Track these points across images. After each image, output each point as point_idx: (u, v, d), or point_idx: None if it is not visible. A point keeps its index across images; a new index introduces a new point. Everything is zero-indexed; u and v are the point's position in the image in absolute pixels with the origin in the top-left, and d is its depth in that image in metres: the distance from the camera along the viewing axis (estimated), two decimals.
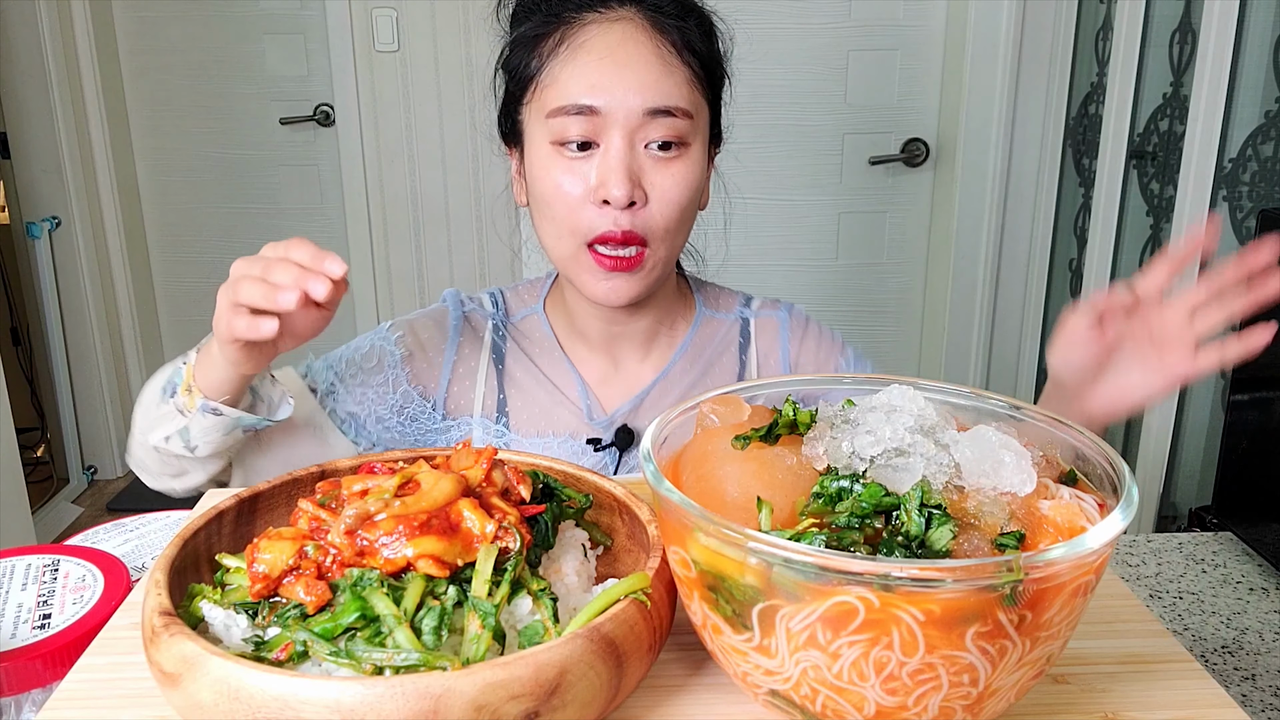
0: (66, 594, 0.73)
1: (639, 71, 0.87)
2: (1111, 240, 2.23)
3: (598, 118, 0.87)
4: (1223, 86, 1.78)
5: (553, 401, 1.01)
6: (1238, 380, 1.21)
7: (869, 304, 2.87)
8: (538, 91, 0.91)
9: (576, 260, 0.92)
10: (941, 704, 0.45)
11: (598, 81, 0.87)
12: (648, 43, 0.88)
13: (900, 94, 2.68)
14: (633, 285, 0.92)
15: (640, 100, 0.87)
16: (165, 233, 3.32)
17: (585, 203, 0.89)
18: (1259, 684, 0.95)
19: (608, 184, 0.87)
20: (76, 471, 3.18)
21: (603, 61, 0.87)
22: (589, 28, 0.89)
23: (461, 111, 2.99)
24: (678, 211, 0.90)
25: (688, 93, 0.89)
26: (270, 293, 0.73)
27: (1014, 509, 0.49)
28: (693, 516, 0.47)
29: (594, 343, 1.02)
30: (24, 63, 2.86)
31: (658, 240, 0.90)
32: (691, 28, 0.90)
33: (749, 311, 1.07)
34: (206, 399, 0.84)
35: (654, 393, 1.02)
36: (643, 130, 0.88)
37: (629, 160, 0.87)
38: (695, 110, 0.90)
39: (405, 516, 0.52)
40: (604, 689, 0.48)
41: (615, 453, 1.00)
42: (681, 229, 0.93)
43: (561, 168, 0.89)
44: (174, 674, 0.47)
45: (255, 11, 3.08)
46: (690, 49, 0.90)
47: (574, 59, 0.88)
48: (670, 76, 0.88)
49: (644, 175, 0.89)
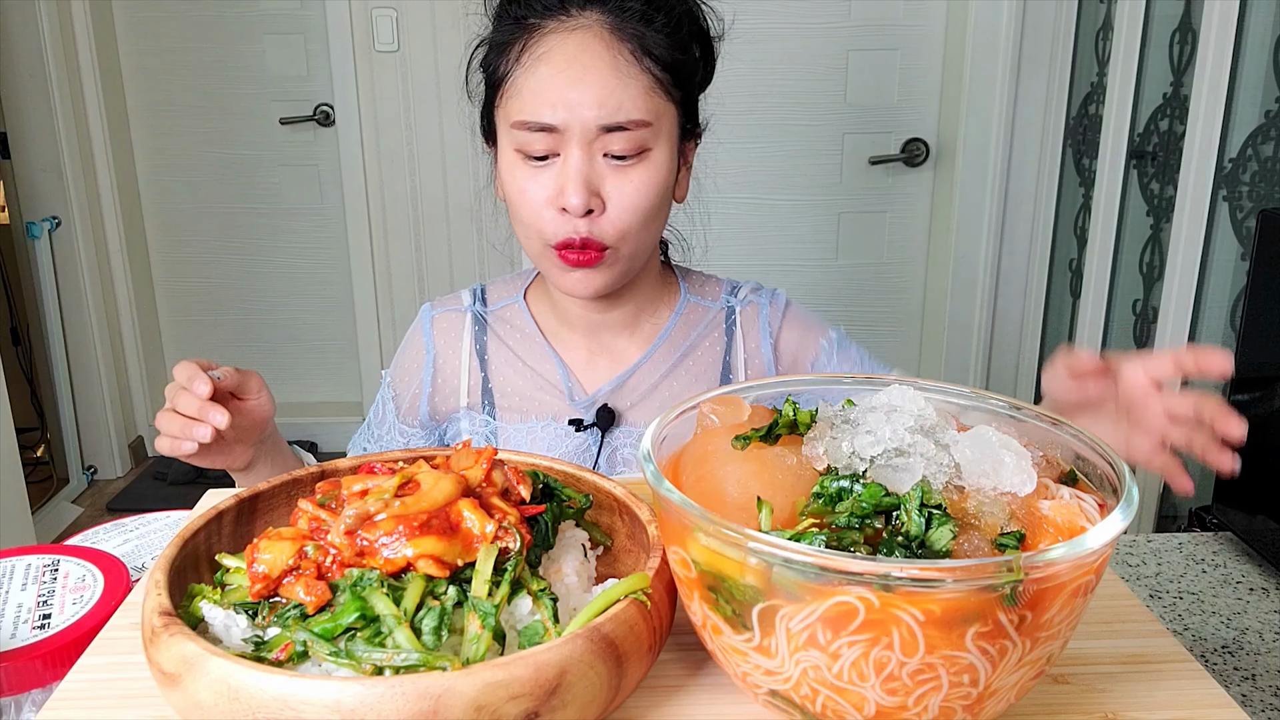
0: (66, 594, 0.73)
1: (593, 87, 0.88)
2: (1111, 240, 2.23)
3: (555, 133, 0.89)
4: (1223, 86, 1.78)
5: (534, 387, 1.04)
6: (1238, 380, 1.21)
7: (869, 304, 2.87)
8: (504, 99, 0.93)
9: (544, 257, 0.95)
10: (942, 704, 0.45)
11: (555, 98, 0.88)
12: (604, 54, 0.89)
13: (900, 94, 2.68)
14: (596, 279, 0.94)
15: (595, 115, 0.88)
16: (165, 233, 3.32)
17: (547, 208, 0.91)
18: (1259, 684, 0.95)
19: (565, 193, 0.89)
20: (76, 471, 3.18)
21: (559, 76, 0.88)
22: (549, 37, 0.90)
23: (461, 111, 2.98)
24: (638, 216, 0.92)
25: (645, 102, 0.89)
26: (186, 427, 0.84)
27: (1014, 509, 0.49)
28: (693, 516, 0.47)
29: (578, 329, 1.04)
30: (24, 63, 2.86)
31: (617, 242, 0.92)
32: (653, 32, 0.90)
33: (735, 300, 1.08)
34: None
35: (636, 375, 1.04)
36: (600, 141, 0.89)
37: (586, 170, 0.89)
38: (656, 116, 0.91)
39: (405, 517, 0.52)
40: (604, 689, 0.48)
41: (597, 433, 1.02)
42: (646, 229, 0.94)
43: (525, 174, 0.92)
44: (174, 674, 0.47)
45: (255, 11, 3.07)
46: (650, 55, 0.90)
47: (534, 71, 0.90)
48: (625, 89, 0.88)
49: (603, 183, 0.90)
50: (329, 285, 3.35)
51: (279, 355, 3.37)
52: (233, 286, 3.35)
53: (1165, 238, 2.00)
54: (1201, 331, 1.92)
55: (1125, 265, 2.23)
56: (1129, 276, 2.21)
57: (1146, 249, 2.14)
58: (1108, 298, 2.27)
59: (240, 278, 3.35)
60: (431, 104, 2.99)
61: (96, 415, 3.18)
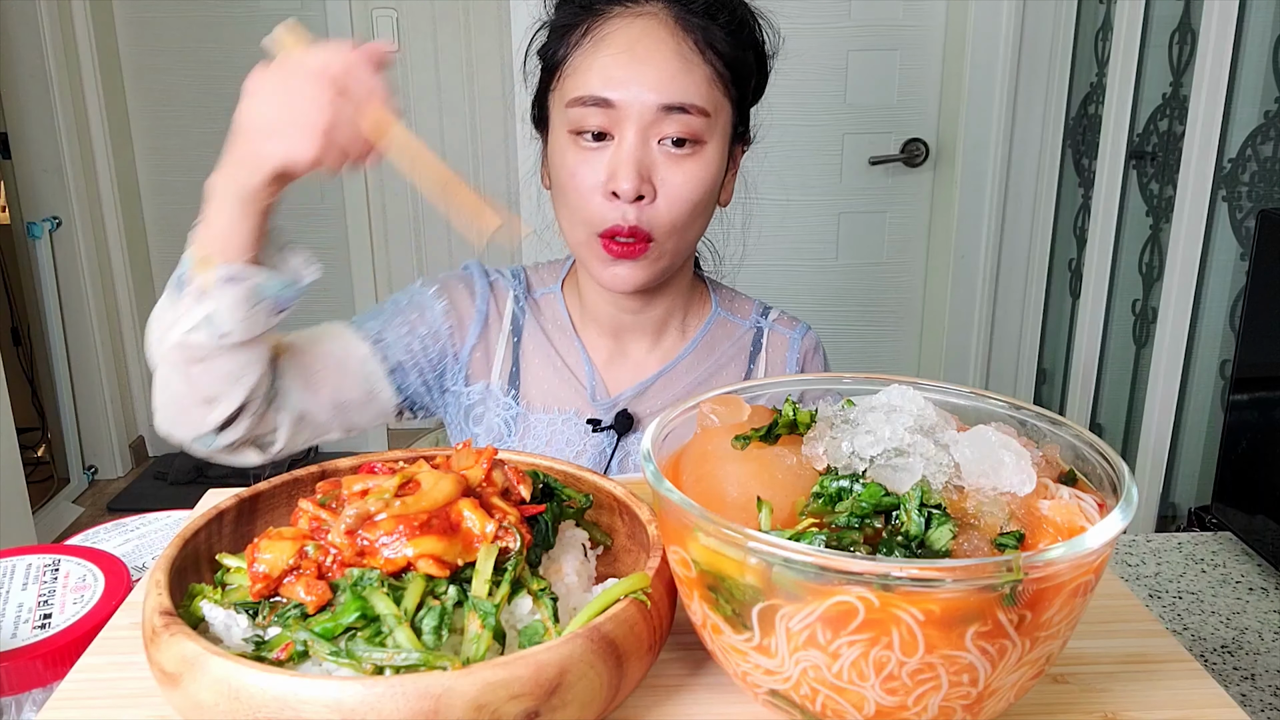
0: (67, 594, 0.73)
1: (657, 67, 0.88)
2: (1111, 240, 2.23)
3: (613, 110, 0.88)
4: (1222, 86, 1.78)
5: (560, 380, 1.02)
6: (1237, 380, 1.21)
7: (869, 304, 2.87)
8: (561, 80, 0.93)
9: (588, 246, 0.93)
10: (941, 704, 0.45)
11: (615, 75, 0.88)
12: (669, 39, 0.89)
13: (900, 94, 2.68)
14: (637, 273, 0.93)
15: (655, 96, 0.88)
16: (165, 233, 3.32)
17: (596, 193, 0.90)
18: (1258, 684, 0.95)
19: (617, 177, 0.88)
20: (77, 471, 3.18)
21: (621, 56, 0.88)
22: (614, 21, 0.91)
23: (461, 111, 2.99)
24: (687, 208, 0.91)
25: (706, 91, 0.90)
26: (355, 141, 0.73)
27: (1014, 509, 0.49)
28: (693, 516, 0.47)
29: (604, 327, 1.03)
30: (24, 63, 2.86)
31: (664, 235, 0.92)
32: (717, 27, 0.91)
33: (765, 322, 1.08)
34: (228, 263, 0.77)
35: (658, 383, 1.03)
36: (657, 126, 0.89)
37: (640, 155, 0.89)
38: (713, 109, 0.91)
39: (405, 516, 0.52)
40: (604, 689, 0.48)
41: (614, 436, 1.01)
42: (692, 225, 0.94)
43: (577, 157, 0.91)
44: (174, 674, 0.47)
45: (255, 11, 3.07)
46: (713, 48, 0.90)
47: (596, 51, 0.90)
48: (688, 74, 0.89)
49: (655, 171, 0.90)
50: (328, 285, 3.35)
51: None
52: None
53: (1165, 238, 2.00)
54: (1201, 331, 1.92)
55: (1125, 265, 2.23)
56: (1128, 276, 2.22)
57: (1146, 249, 2.14)
58: (1107, 298, 2.27)
59: None
60: (431, 104, 2.99)
61: (97, 415, 3.18)
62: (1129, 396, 2.18)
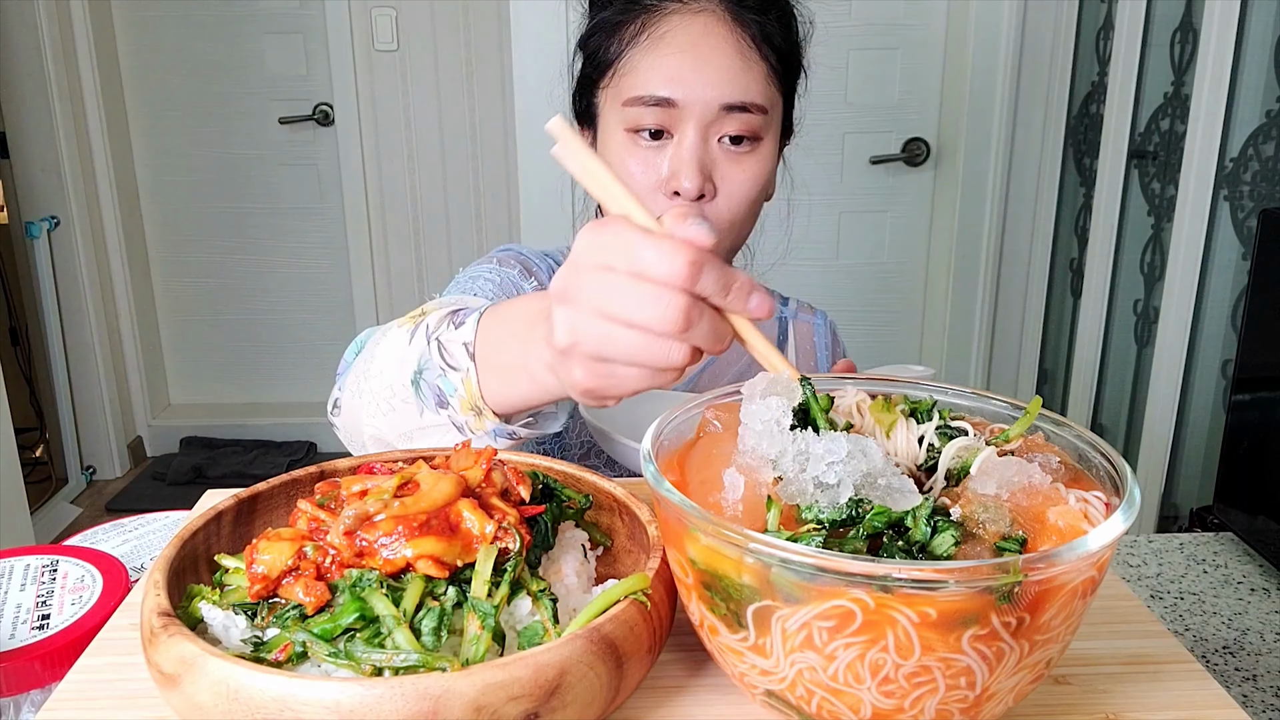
0: (65, 594, 0.73)
1: (718, 66, 0.87)
2: (1112, 240, 2.23)
3: (674, 109, 0.88)
4: (1224, 86, 1.78)
5: None
6: (1239, 381, 1.21)
7: (869, 304, 2.87)
8: (615, 78, 0.91)
9: None
10: (938, 707, 0.45)
11: (676, 75, 0.87)
12: (728, 36, 0.88)
13: (901, 93, 2.68)
14: None
15: (717, 95, 0.87)
16: (165, 232, 3.32)
17: (655, 193, 0.89)
18: (1260, 685, 0.95)
19: (679, 176, 0.87)
20: (75, 472, 3.18)
21: (683, 55, 0.87)
22: (671, 18, 0.89)
23: (461, 111, 2.99)
24: (745, 206, 0.91)
25: (764, 88, 0.89)
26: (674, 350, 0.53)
27: (1016, 515, 0.49)
28: (692, 517, 0.47)
29: None
30: (24, 63, 2.86)
31: (724, 232, 0.91)
32: (772, 20, 0.91)
33: (787, 311, 1.09)
34: (502, 423, 0.69)
35: (707, 374, 1.03)
36: (717, 124, 0.88)
37: (701, 153, 0.88)
38: (770, 105, 0.90)
39: (404, 517, 0.52)
40: (604, 690, 0.48)
41: None
42: (747, 222, 0.94)
43: (634, 156, 0.90)
44: (173, 675, 0.47)
45: (255, 11, 3.07)
46: (769, 43, 0.90)
47: (654, 49, 0.88)
48: (748, 71, 0.88)
49: (715, 169, 0.89)
50: (328, 285, 3.35)
51: (278, 355, 3.37)
52: (232, 286, 3.35)
53: (1166, 237, 2.00)
54: (1202, 331, 1.92)
55: (1126, 265, 2.23)
56: (1130, 276, 2.21)
57: (1147, 249, 2.14)
58: (1108, 297, 2.27)
59: (239, 277, 3.34)
60: (431, 103, 2.99)
61: (95, 415, 3.18)
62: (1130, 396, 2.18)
